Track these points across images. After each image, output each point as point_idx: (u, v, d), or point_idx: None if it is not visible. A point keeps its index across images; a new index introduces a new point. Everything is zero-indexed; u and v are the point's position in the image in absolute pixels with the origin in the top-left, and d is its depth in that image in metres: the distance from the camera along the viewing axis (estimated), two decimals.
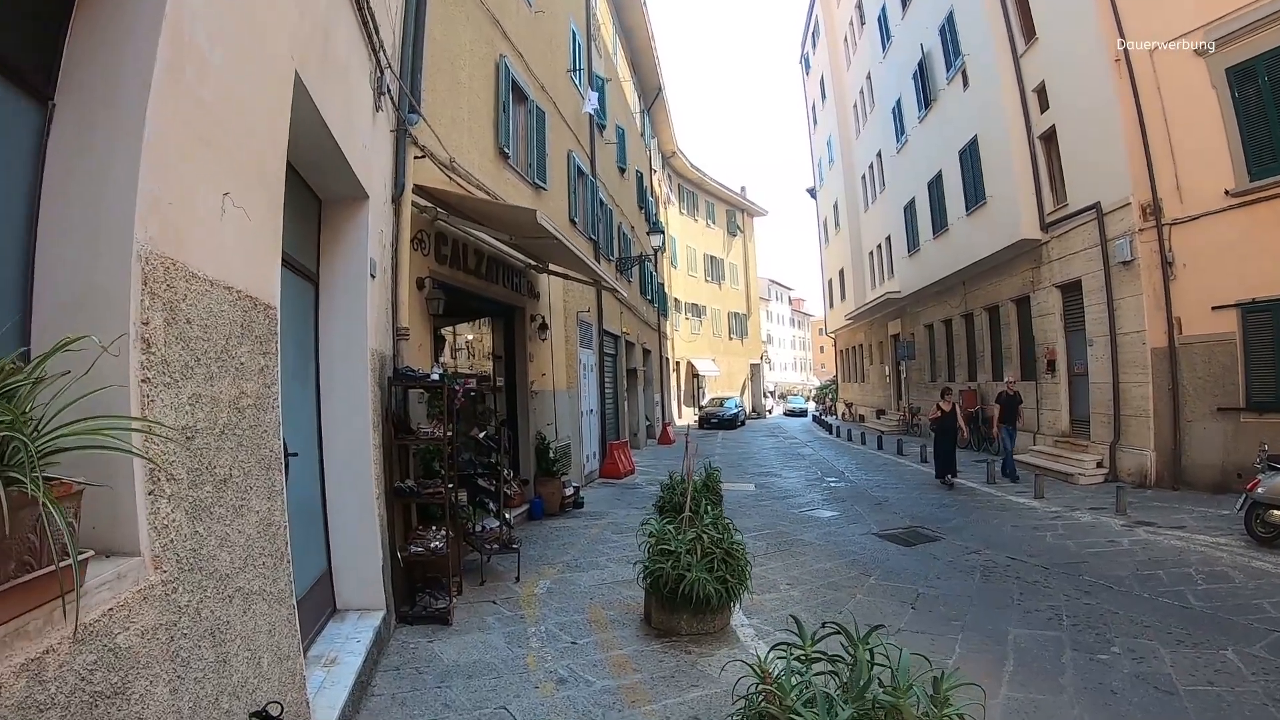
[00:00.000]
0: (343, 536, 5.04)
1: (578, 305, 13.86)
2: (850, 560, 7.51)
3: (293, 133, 3.80)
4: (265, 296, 2.78)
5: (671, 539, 5.33)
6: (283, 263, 4.40)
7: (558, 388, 11.86)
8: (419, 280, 6.82)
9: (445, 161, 7.45)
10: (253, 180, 2.69)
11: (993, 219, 14.97)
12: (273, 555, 2.79)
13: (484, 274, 8.72)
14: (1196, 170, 9.95)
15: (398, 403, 6.03)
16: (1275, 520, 6.96)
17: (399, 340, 6.01)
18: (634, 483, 14.10)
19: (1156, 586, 6.16)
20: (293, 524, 4.47)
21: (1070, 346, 13.36)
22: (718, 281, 42.72)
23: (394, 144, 6.16)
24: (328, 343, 4.98)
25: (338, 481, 5.00)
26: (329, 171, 4.54)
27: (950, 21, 16.02)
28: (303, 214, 4.80)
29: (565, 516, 10.19)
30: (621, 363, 19.53)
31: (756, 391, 47.52)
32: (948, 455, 12.16)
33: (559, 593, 6.36)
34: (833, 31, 30.89)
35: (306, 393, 4.85)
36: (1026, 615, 5.57)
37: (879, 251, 26.23)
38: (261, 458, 2.67)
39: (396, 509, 5.70)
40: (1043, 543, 7.90)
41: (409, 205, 6.25)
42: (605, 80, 16.65)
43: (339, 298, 4.97)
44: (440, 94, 7.64)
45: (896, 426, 23.67)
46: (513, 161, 9.81)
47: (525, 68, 10.63)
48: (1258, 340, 9.47)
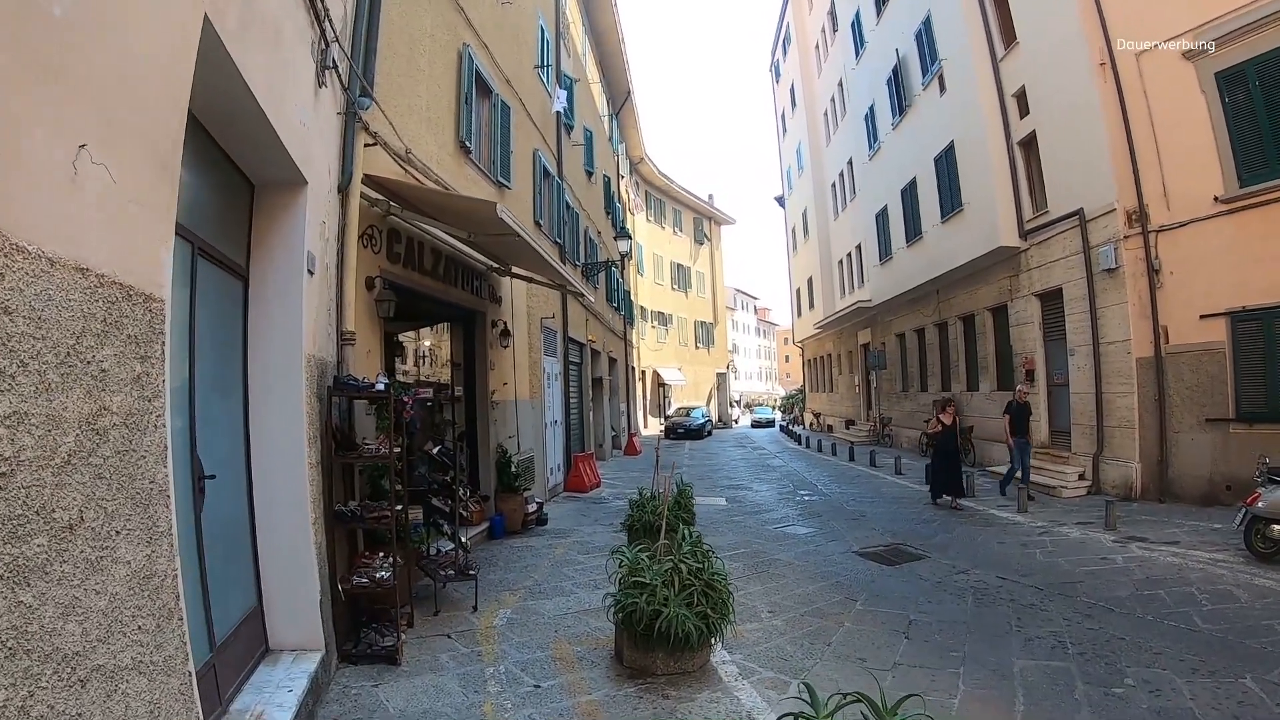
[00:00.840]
0: (275, 567, 4.41)
1: (542, 311, 13.29)
2: (833, 583, 7.06)
3: (210, 97, 3.22)
4: (145, 284, 2.20)
5: (646, 569, 4.80)
6: (204, 254, 3.79)
7: (520, 397, 11.26)
8: (368, 280, 6.21)
9: (400, 153, 6.85)
10: (130, 134, 2.11)
11: (969, 226, 14.78)
12: (155, 614, 2.19)
13: (442, 275, 8.11)
14: (1184, 176, 9.78)
15: (341, 416, 5.41)
16: (1276, 535, 6.73)
17: (343, 345, 5.39)
18: (600, 497, 13.53)
19: (1160, 608, 5.84)
20: (213, 556, 3.86)
21: (1050, 356, 13.16)
22: (684, 290, 42.44)
23: (342, 128, 5.56)
24: (258, 348, 4.36)
25: (268, 506, 4.38)
26: (258, 150, 3.93)
27: (927, 26, 15.86)
28: (230, 199, 4.19)
29: (528, 535, 9.59)
30: (587, 371, 18.98)
31: (723, 401, 47.28)
32: (952, 473, 10.93)
33: (521, 624, 5.77)
34: (804, 39, 30.89)
35: (231, 405, 4.22)
36: (1029, 644, 5.18)
37: (849, 260, 26.12)
38: (136, 492, 2.08)
39: (338, 535, 5.07)
40: (1033, 561, 7.56)
41: (357, 196, 5.65)
42: (574, 80, 16.16)
43: (272, 297, 4.35)
44: (396, 80, 7.06)
45: (867, 437, 23.50)
46: (475, 157, 9.24)
47: (490, 59, 10.07)
48: (1248, 349, 9.30)
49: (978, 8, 13.78)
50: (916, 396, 19.97)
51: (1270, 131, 8.90)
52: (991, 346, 15.33)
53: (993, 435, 15.08)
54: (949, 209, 15.66)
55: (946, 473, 10.89)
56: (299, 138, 4.20)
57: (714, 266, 46.94)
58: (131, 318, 2.11)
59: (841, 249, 27.21)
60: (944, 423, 10.90)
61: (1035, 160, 12.98)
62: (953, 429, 10.90)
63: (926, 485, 11.84)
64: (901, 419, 21.38)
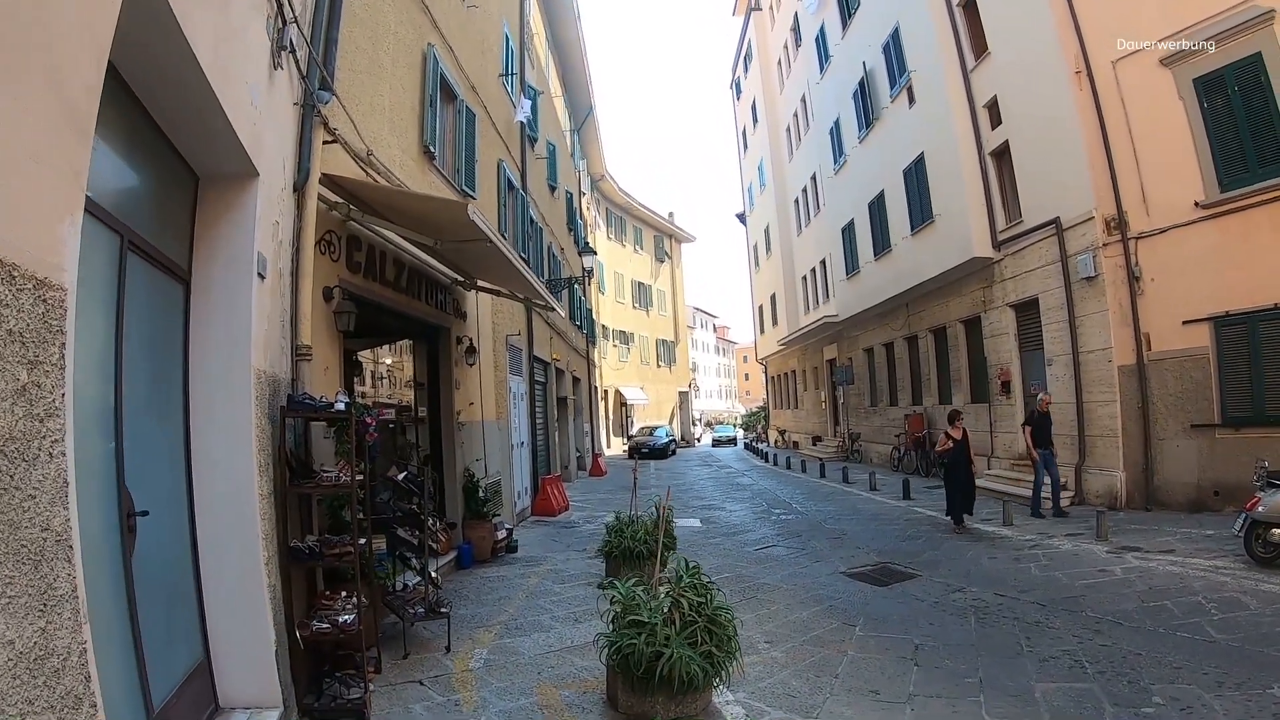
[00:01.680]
0: (223, 615, 3.83)
1: (507, 328, 12.77)
2: (827, 607, 6.69)
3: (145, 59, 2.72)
4: (35, 265, 1.70)
5: (643, 606, 4.33)
6: (136, 250, 3.24)
7: (487, 418, 10.69)
8: (326, 290, 5.66)
9: (361, 153, 6.36)
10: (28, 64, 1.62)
11: (941, 238, 14.75)
12: (55, 707, 1.66)
13: (405, 288, 7.58)
14: (1163, 182, 9.81)
15: (297, 439, 4.85)
16: (1277, 540, 6.64)
17: (298, 361, 4.84)
18: (570, 520, 12.98)
19: (1169, 620, 5.63)
20: (148, 607, 3.27)
21: (1026, 367, 13.10)
22: (646, 308, 42.20)
23: (299, 121, 5.05)
24: (201, 361, 3.80)
25: (214, 544, 3.80)
26: (202, 132, 3.42)
27: (895, 38, 15.91)
28: (170, 190, 3.66)
29: (498, 563, 9.01)
30: (552, 391, 18.44)
31: (685, 420, 47.02)
32: (965, 491, 10.00)
33: (500, 666, 5.23)
34: (766, 54, 31.12)
35: (169, 428, 3.66)
36: (1044, 665, 4.90)
37: (813, 275, 26.12)
38: (19, 546, 1.57)
39: (295, 574, 4.49)
40: (1029, 576, 7.33)
41: (314, 196, 5.14)
42: (538, 92, 15.78)
43: (217, 302, 3.81)
44: (359, 75, 6.59)
45: (835, 453, 23.34)
46: (439, 163, 8.76)
47: (455, 63, 9.63)
48: (1232, 354, 9.30)
49: (948, 19, 13.85)
50: (886, 411, 19.88)
51: (1250, 136, 8.97)
52: (964, 359, 15.25)
53: None
54: (919, 221, 15.63)
55: (964, 492, 9.99)
56: (249, 120, 3.69)
57: (675, 284, 46.86)
58: (14, 307, 1.60)
59: (805, 264, 27.23)
60: (954, 437, 10.01)
61: (1008, 170, 12.99)
62: (964, 443, 10.01)
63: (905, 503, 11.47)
64: (871, 434, 21.27)
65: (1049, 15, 10.95)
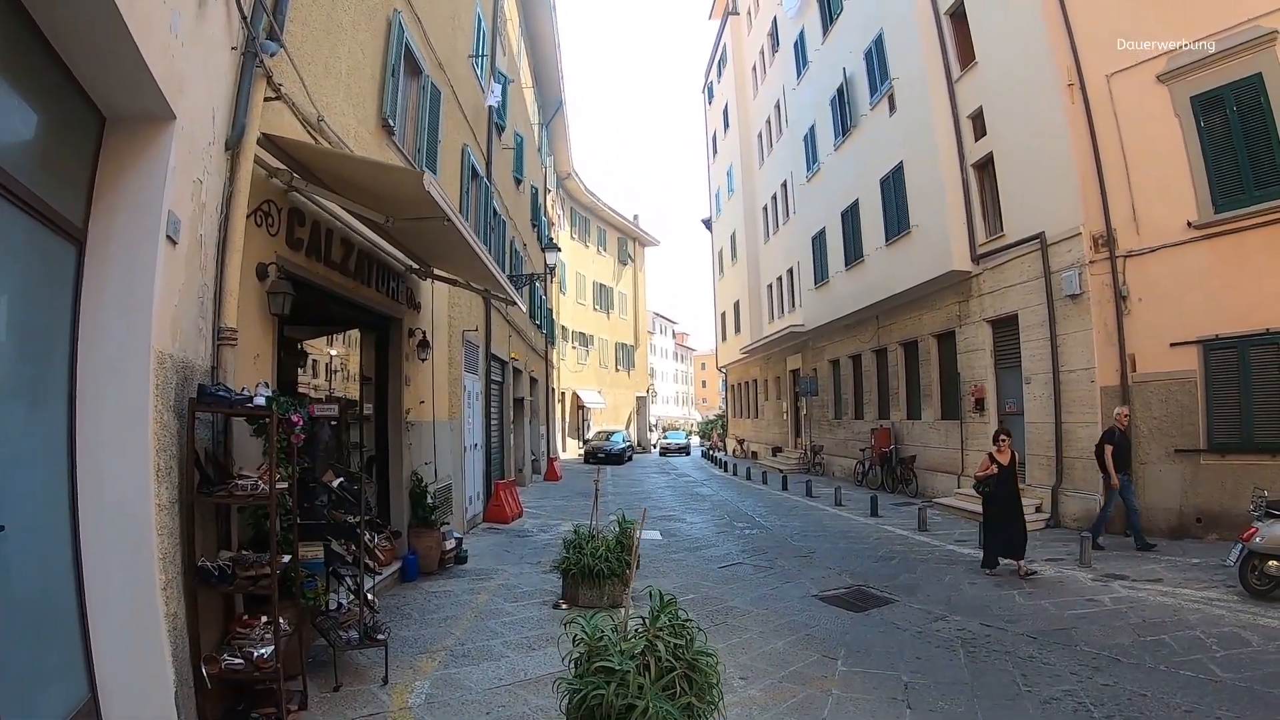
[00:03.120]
0: (113, 647, 3.17)
1: (464, 323, 12.07)
2: (803, 636, 6.21)
3: None
4: None
5: (612, 649, 3.75)
6: (15, 201, 2.58)
7: (439, 418, 9.99)
8: (260, 266, 4.97)
9: (311, 118, 5.69)
10: None
11: (918, 249, 14.49)
12: None
13: (354, 271, 6.88)
14: (1155, 201, 9.62)
15: (216, 438, 4.15)
16: (1274, 572, 6.41)
17: (221, 346, 4.15)
18: (524, 529, 12.32)
19: (1170, 656, 5.33)
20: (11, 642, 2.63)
21: (1001, 384, 12.88)
22: (606, 311, 41.62)
23: (237, 69, 4.38)
24: (93, 341, 3.13)
25: (102, 564, 3.13)
26: (107, 58, 2.77)
27: (879, 45, 15.64)
28: (67, 132, 3.00)
29: (446, 576, 8.33)
30: (509, 391, 17.73)
31: (642, 425, 46.51)
32: (1014, 527, 8.18)
33: (443, 703, 4.59)
34: (740, 59, 30.90)
35: (46, 421, 2.98)
36: (1046, 707, 4.52)
37: (779, 284, 25.88)
38: None
39: (206, 598, 3.79)
40: (1014, 605, 6.97)
41: (250, 158, 4.45)
42: (508, 79, 15.12)
43: (115, 269, 3.14)
44: (315, 32, 5.92)
45: (796, 465, 23.04)
46: (399, 139, 8.09)
47: (423, 36, 8.96)
48: (1221, 379, 9.12)
49: (934, 27, 13.61)
50: (851, 424, 19.64)
51: (1248, 157, 8.82)
52: (936, 374, 15.00)
53: (935, 465, 14.80)
54: (895, 232, 15.36)
55: (1010, 528, 8.17)
56: (165, 51, 3.04)
57: (637, 288, 46.38)
58: None
59: (772, 272, 26.99)
60: (1000, 462, 8.30)
61: (991, 183, 12.78)
62: (1012, 469, 8.35)
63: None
64: (834, 447, 21.02)
65: (1042, 27, 10.73)
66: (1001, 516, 8.26)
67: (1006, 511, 8.25)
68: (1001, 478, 8.29)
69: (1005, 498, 8.29)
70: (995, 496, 8.31)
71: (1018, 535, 8.14)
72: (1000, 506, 8.29)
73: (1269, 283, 8.65)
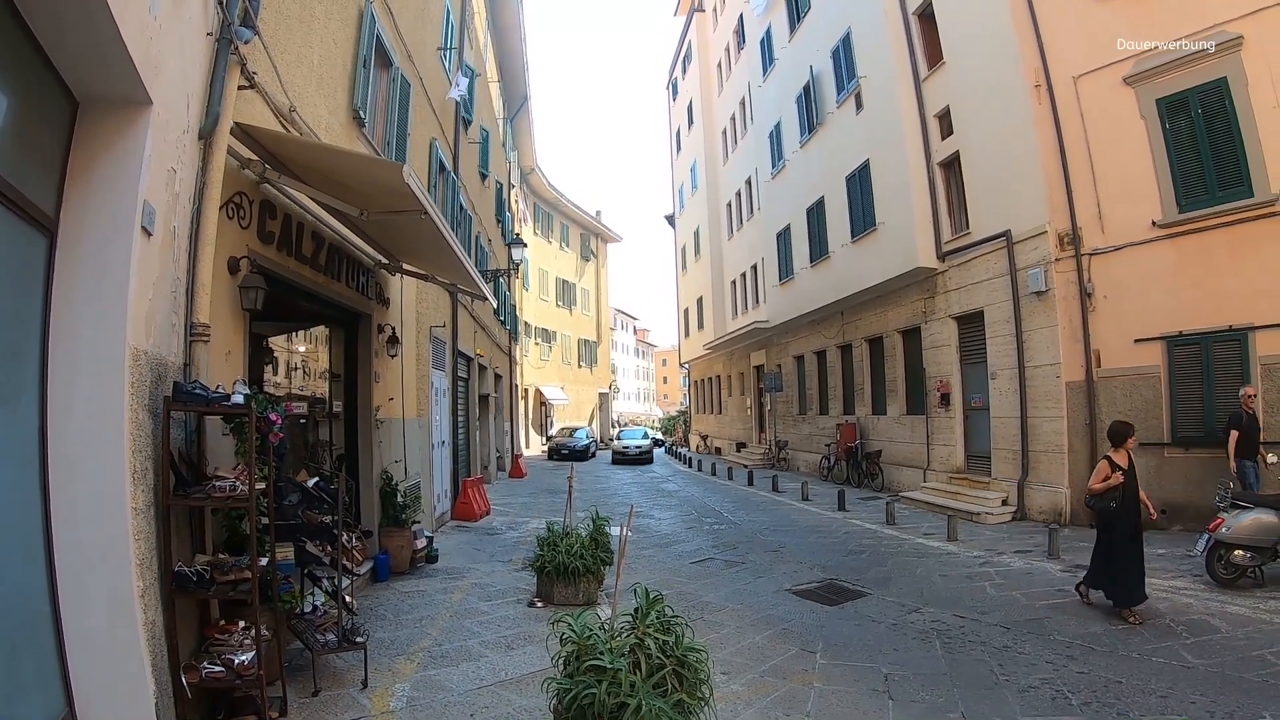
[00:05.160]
0: (89, 659, 3.03)
1: (432, 319, 11.88)
2: (780, 630, 6.29)
3: None
4: None
5: (601, 647, 3.73)
6: None
7: (408, 415, 9.82)
8: (231, 260, 4.80)
9: (283, 108, 5.53)
10: None
11: (883, 247, 14.69)
12: None
13: (324, 266, 6.70)
14: (1121, 200, 9.87)
15: (189, 438, 4.01)
16: (1239, 561, 6.67)
17: (193, 342, 4.01)
18: (492, 526, 12.20)
19: (1142, 645, 5.51)
20: None
21: (967, 379, 13.13)
22: (569, 307, 41.45)
23: (211, 55, 4.22)
24: (65, 334, 2.98)
25: (76, 571, 2.99)
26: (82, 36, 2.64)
27: (846, 44, 15.80)
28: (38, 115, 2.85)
29: (418, 575, 8.21)
30: (474, 388, 17.52)
31: (605, 421, 46.46)
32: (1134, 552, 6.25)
33: (426, 706, 4.52)
34: (705, 56, 30.98)
35: (17, 421, 2.82)
36: (1024, 695, 4.65)
37: (743, 280, 26.03)
38: None
39: (183, 604, 3.66)
40: (985, 596, 7.15)
41: (224, 147, 4.30)
42: (475, 73, 14.90)
43: (87, 261, 3.00)
44: (288, 21, 5.76)
45: (760, 460, 23.24)
46: (368, 132, 7.91)
47: (394, 27, 8.79)
48: (1184, 374, 9.41)
49: (902, 26, 13.80)
50: (816, 420, 19.89)
51: (1212, 159, 9.11)
52: (901, 369, 15.25)
53: (901, 460, 15.05)
54: (861, 229, 15.55)
55: (1129, 556, 6.21)
56: (144, 32, 2.91)
57: (599, 284, 46.27)
58: None
59: (735, 269, 27.15)
60: (1121, 466, 6.32)
61: (957, 181, 13.00)
62: (1133, 476, 6.36)
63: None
64: (799, 443, 21.27)
65: (1011, 28, 10.96)
66: (1124, 535, 6.22)
67: (1126, 540, 6.22)
68: (1127, 491, 6.26)
69: (1126, 518, 6.26)
70: (1116, 518, 6.27)
71: (1135, 576, 6.17)
72: (1123, 525, 6.25)
73: (1231, 281, 8.96)
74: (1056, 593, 7.10)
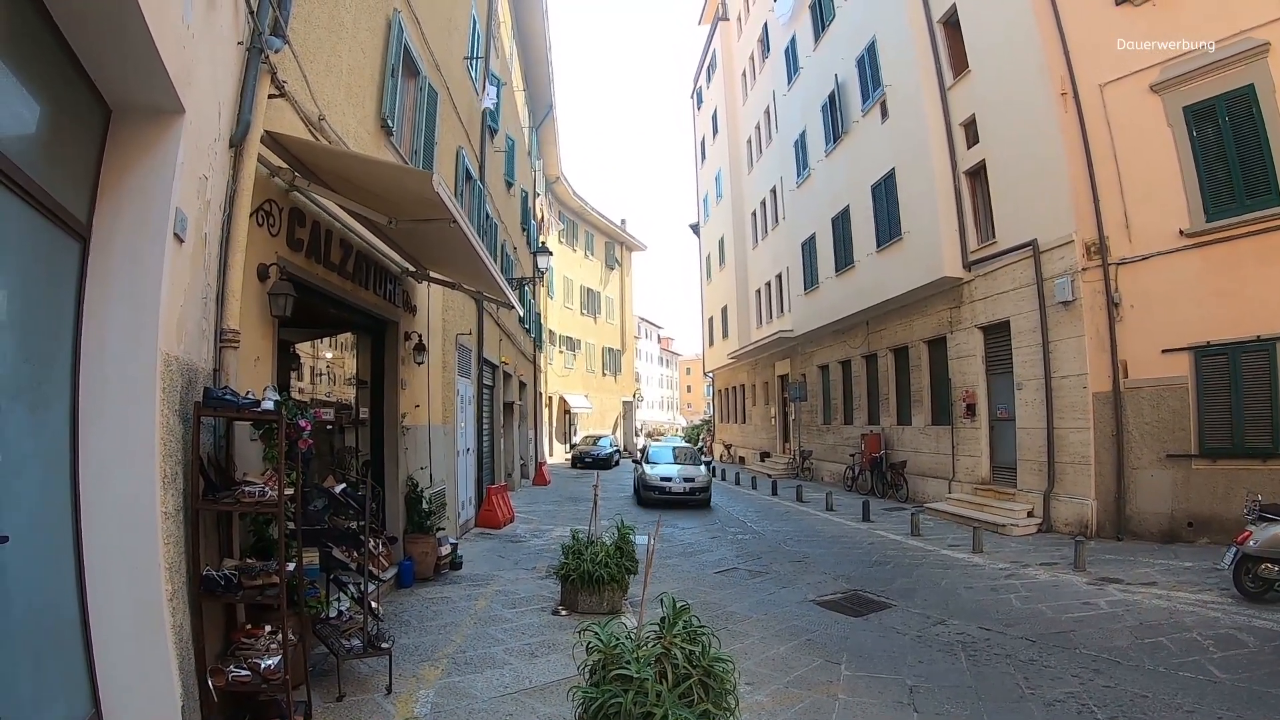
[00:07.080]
0: (117, 662, 3.06)
1: (458, 326, 11.95)
2: (804, 641, 6.20)
3: None
4: None
5: (628, 656, 3.68)
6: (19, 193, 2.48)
7: (434, 422, 9.87)
8: (261, 267, 4.86)
9: (312, 117, 5.59)
10: None
11: (909, 256, 14.53)
12: None
13: (351, 273, 6.77)
14: (1148, 209, 9.71)
15: (217, 443, 4.04)
16: (1268, 574, 6.48)
17: (223, 348, 4.05)
18: (516, 534, 12.20)
19: (1168, 658, 5.38)
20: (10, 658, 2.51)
21: (993, 390, 12.91)
22: (594, 315, 41.50)
23: (242, 64, 4.28)
24: (96, 340, 3.02)
25: (104, 575, 3.02)
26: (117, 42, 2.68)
27: (871, 52, 15.70)
28: (72, 123, 2.90)
29: (441, 582, 8.22)
30: (499, 395, 17.59)
31: (629, 430, 46.39)
32: None
33: (450, 712, 4.50)
34: (730, 65, 30.98)
35: (47, 426, 2.86)
36: (1050, 709, 4.53)
37: (768, 289, 25.90)
38: None
39: (210, 608, 3.68)
40: (1011, 608, 7.01)
41: (254, 155, 4.36)
42: (502, 82, 15.04)
43: (120, 267, 3.04)
44: (317, 30, 5.83)
45: (785, 470, 23.03)
46: (396, 141, 7.99)
47: (421, 37, 8.88)
48: (1212, 385, 9.22)
49: (927, 35, 13.70)
50: (840, 430, 19.68)
51: (1239, 167, 8.94)
52: (927, 379, 15.06)
53: (926, 471, 14.84)
54: (886, 238, 15.41)
55: None
56: (177, 41, 2.95)
57: (624, 292, 46.29)
58: None
59: (760, 278, 27.02)
60: None
61: (983, 190, 12.85)
62: None
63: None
64: (823, 452, 21.04)
65: (1036, 36, 10.83)
66: None
67: None
68: None
69: None
70: None
71: None
72: None
73: (1260, 290, 8.77)
74: (1083, 605, 6.94)
